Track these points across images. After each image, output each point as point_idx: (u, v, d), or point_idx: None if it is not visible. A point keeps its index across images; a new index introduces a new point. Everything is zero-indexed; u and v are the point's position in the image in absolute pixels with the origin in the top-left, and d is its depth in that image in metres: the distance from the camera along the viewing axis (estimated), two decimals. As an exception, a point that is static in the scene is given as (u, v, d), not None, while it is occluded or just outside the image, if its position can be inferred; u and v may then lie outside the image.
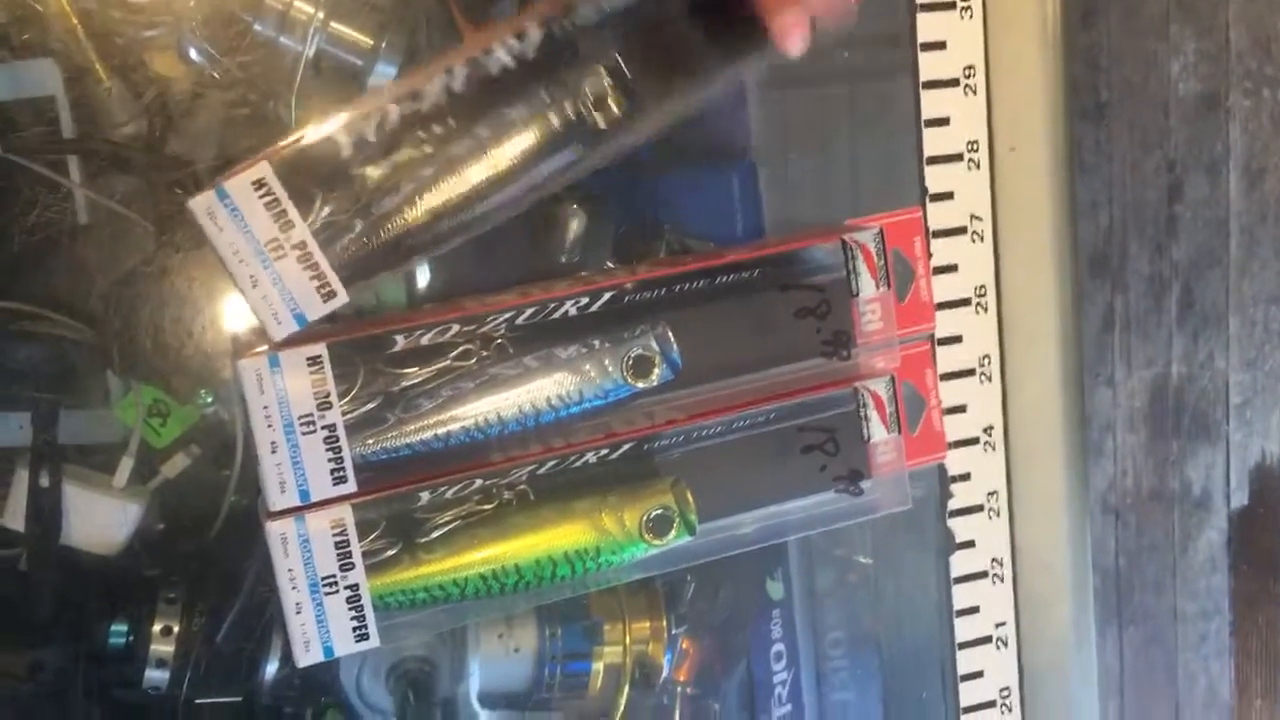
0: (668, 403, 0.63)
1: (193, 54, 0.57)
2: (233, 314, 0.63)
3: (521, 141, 0.56)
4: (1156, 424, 1.80)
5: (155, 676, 0.63)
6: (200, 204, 0.54)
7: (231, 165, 0.55)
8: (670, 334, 0.62)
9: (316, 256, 0.55)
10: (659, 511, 0.61)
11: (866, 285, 0.66)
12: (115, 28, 0.58)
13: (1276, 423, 1.84)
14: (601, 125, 0.57)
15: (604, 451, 0.61)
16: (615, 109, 0.57)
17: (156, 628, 0.63)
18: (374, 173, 0.55)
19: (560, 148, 0.57)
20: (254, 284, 0.54)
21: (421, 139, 0.56)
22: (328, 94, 0.60)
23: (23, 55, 0.61)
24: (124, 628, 0.63)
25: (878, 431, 0.66)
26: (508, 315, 0.60)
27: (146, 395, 0.63)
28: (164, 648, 0.63)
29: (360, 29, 0.59)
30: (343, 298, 0.55)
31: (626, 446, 0.62)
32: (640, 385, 0.61)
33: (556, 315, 0.61)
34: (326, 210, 0.55)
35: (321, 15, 0.57)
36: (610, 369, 0.60)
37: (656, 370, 0.61)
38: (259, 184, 0.54)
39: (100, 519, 0.63)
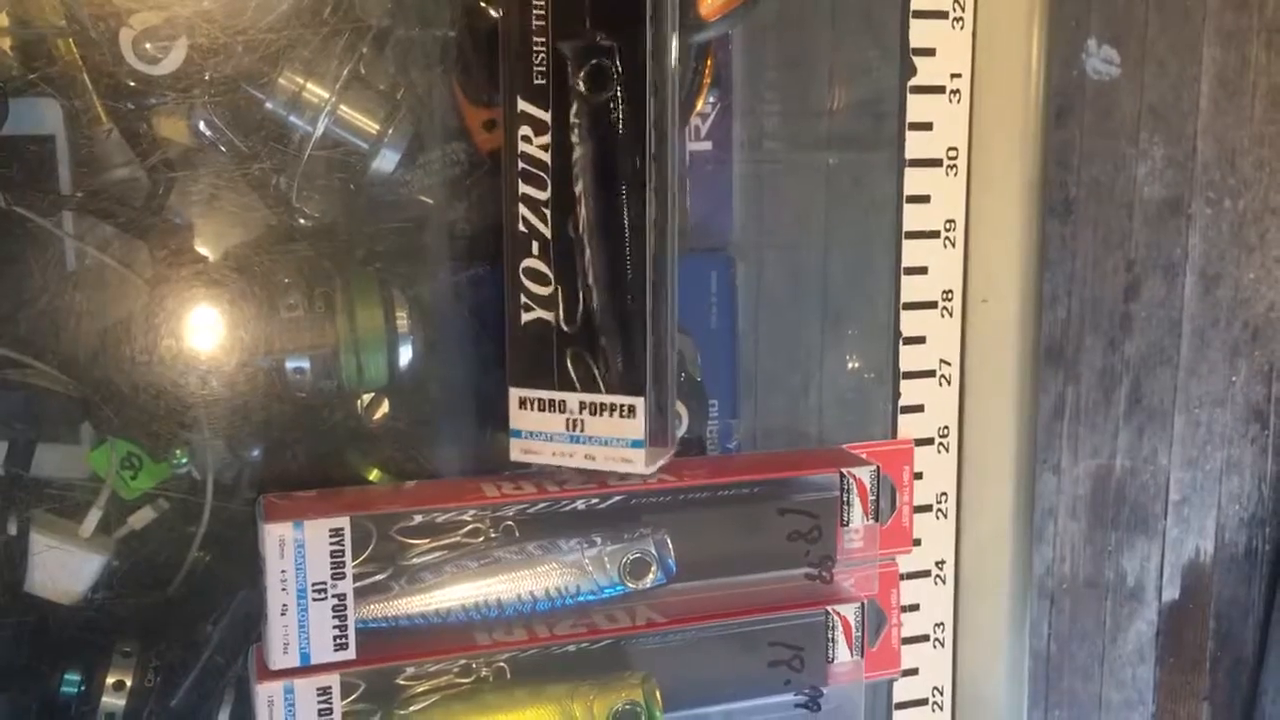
0: (651, 598, 0.66)
1: (202, 127, 0.58)
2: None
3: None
4: (1097, 513, 1.84)
5: (104, 730, 0.62)
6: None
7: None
8: (669, 541, 0.65)
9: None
10: (627, 706, 0.63)
11: (857, 516, 0.69)
12: (128, 94, 0.58)
13: (1212, 523, 1.88)
14: (633, 585, 0.64)
15: (584, 644, 0.63)
16: (649, 574, 0.64)
17: (110, 680, 0.63)
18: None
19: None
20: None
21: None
22: (329, 173, 0.61)
23: (27, 92, 0.61)
24: (77, 677, 0.63)
25: (842, 653, 0.69)
26: (522, 506, 0.63)
27: (120, 448, 0.63)
28: (115, 701, 0.62)
29: (368, 114, 0.60)
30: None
31: (605, 641, 0.64)
32: (634, 587, 0.64)
33: (567, 509, 0.64)
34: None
35: (334, 100, 0.58)
36: (608, 567, 0.63)
37: (651, 574, 0.64)
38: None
39: (63, 568, 0.63)
